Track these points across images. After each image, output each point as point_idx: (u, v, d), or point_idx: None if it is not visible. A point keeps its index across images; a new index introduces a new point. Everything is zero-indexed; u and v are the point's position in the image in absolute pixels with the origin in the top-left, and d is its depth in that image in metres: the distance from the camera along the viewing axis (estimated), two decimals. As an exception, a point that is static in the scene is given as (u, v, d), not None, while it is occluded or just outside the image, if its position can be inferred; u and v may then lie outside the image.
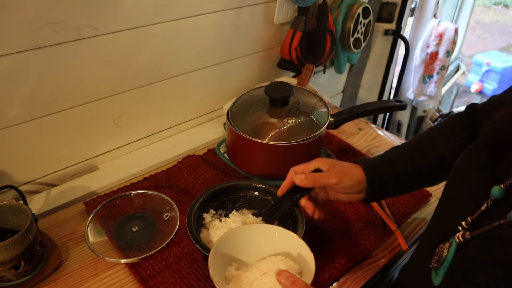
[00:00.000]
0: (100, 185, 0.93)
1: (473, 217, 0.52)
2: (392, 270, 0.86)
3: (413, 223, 0.88)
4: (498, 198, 0.50)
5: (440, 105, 2.50)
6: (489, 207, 0.51)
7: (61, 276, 0.73)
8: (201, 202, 0.78)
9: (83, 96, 0.89)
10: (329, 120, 0.93)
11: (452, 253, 0.52)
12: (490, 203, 0.51)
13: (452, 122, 0.75)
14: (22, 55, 0.76)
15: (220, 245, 0.64)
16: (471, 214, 0.52)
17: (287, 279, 0.52)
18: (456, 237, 0.52)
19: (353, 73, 1.75)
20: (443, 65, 1.94)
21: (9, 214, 0.73)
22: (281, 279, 0.53)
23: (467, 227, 0.52)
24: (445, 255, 0.52)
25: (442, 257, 0.53)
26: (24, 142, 0.85)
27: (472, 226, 0.52)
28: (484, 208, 0.51)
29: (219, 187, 0.81)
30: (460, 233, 0.52)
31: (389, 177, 0.72)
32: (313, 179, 0.70)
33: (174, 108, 1.09)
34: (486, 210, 0.51)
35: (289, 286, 0.52)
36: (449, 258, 0.52)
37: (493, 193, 0.50)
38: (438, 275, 0.53)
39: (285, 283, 0.52)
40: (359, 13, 1.36)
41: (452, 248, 0.52)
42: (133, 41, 0.90)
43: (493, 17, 5.98)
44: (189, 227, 0.72)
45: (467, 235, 0.50)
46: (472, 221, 0.52)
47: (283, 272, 0.54)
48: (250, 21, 1.12)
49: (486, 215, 0.51)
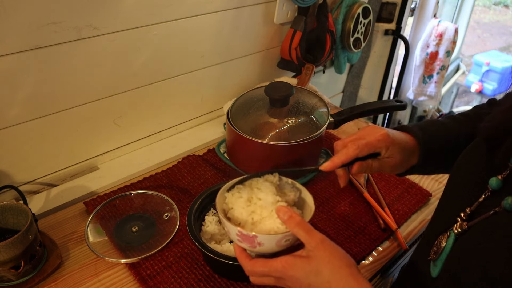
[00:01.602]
0: (100, 185, 0.93)
1: (471, 208, 0.53)
2: (392, 270, 0.86)
3: (413, 223, 0.88)
4: (495, 189, 0.51)
5: (440, 105, 2.49)
6: (487, 197, 0.52)
7: (61, 276, 0.73)
8: (201, 201, 0.78)
9: (83, 96, 0.89)
10: (329, 120, 0.93)
11: (450, 244, 0.52)
12: (488, 194, 0.52)
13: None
14: (22, 55, 0.76)
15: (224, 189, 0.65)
16: (469, 206, 0.53)
17: (285, 214, 0.56)
18: (454, 228, 0.53)
19: (353, 73, 1.75)
20: (443, 65, 1.94)
21: (9, 214, 0.73)
22: (280, 213, 0.56)
23: (465, 218, 0.53)
24: (443, 246, 0.53)
25: (441, 248, 0.53)
26: (24, 142, 0.85)
27: (470, 217, 0.52)
28: (482, 199, 0.52)
29: (219, 186, 0.81)
30: (458, 224, 0.52)
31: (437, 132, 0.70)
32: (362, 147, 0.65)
33: (174, 108, 1.09)
34: (483, 201, 0.52)
35: (286, 220, 0.55)
36: (447, 248, 0.52)
37: (491, 184, 0.51)
38: (436, 266, 0.53)
39: (282, 216, 0.56)
40: (359, 13, 1.36)
41: (451, 239, 0.53)
42: (133, 41, 0.90)
43: (493, 17, 5.98)
44: (189, 227, 0.72)
45: (465, 225, 0.51)
46: (470, 212, 0.53)
47: (282, 208, 0.57)
48: (250, 21, 1.12)
49: (484, 205, 0.52)
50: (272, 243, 0.56)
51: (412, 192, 0.95)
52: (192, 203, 0.77)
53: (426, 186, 0.97)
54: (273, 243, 0.56)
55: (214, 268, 0.75)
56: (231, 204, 0.62)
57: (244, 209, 0.61)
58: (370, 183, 0.96)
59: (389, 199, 0.92)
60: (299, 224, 0.54)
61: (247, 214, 0.60)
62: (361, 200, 0.92)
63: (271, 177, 0.65)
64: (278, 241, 0.56)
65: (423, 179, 1.00)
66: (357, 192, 0.94)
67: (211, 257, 0.68)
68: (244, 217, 0.60)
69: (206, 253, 0.68)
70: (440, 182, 0.99)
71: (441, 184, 0.99)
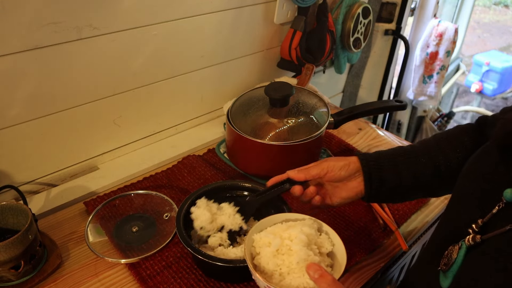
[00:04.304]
0: (100, 185, 0.93)
1: (484, 220, 0.51)
2: (392, 270, 0.86)
3: (413, 223, 0.88)
4: (510, 201, 0.49)
5: (440, 105, 2.50)
6: (501, 210, 0.50)
7: (61, 276, 0.73)
8: (188, 205, 0.77)
9: (83, 96, 0.89)
10: (329, 120, 0.93)
11: (462, 256, 0.51)
12: (502, 206, 0.50)
13: (460, 131, 0.72)
14: (22, 55, 0.76)
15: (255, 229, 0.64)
16: (481, 217, 0.51)
17: (315, 272, 0.53)
18: (466, 240, 0.51)
19: (353, 73, 1.75)
20: (443, 65, 1.94)
21: (9, 214, 0.73)
22: (310, 271, 0.54)
23: (477, 230, 0.51)
24: (455, 258, 0.51)
25: (452, 260, 0.52)
26: (24, 142, 0.85)
27: (482, 229, 0.51)
28: (495, 211, 0.50)
29: (204, 189, 0.80)
30: (471, 236, 0.51)
31: (388, 166, 0.69)
32: (306, 171, 0.69)
33: (174, 108, 1.09)
34: (497, 213, 0.50)
35: (317, 278, 0.53)
36: (459, 261, 0.51)
37: (505, 196, 0.49)
38: (447, 278, 0.52)
39: (313, 275, 0.53)
40: (359, 13, 1.36)
41: (462, 251, 0.51)
42: (133, 41, 0.90)
43: (493, 17, 5.98)
44: (178, 230, 0.71)
45: (478, 238, 0.50)
46: (483, 224, 0.51)
47: (313, 265, 0.54)
48: (250, 21, 1.12)
49: (498, 218, 0.50)
50: None
51: (412, 192, 0.94)
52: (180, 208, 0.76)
53: (426, 186, 0.97)
54: None
55: (205, 272, 0.74)
56: (259, 249, 0.61)
57: (271, 260, 0.59)
58: (370, 183, 0.96)
59: (389, 199, 0.92)
60: (330, 285, 0.52)
61: (274, 266, 0.58)
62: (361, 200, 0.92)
63: (309, 222, 0.63)
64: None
65: (423, 179, 1.00)
66: (357, 192, 0.94)
67: (202, 260, 0.67)
68: (271, 268, 0.58)
69: (199, 257, 0.67)
70: (440, 182, 0.99)
71: (441, 184, 0.99)
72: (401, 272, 0.98)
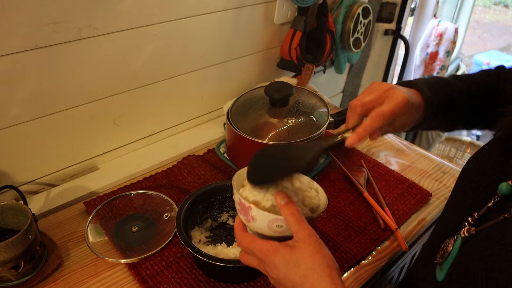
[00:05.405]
0: (100, 185, 0.93)
1: (480, 213, 0.52)
2: (392, 270, 0.86)
3: (413, 223, 0.88)
4: (505, 195, 0.50)
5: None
6: (496, 203, 0.51)
7: (61, 276, 0.73)
8: (188, 205, 0.77)
9: (83, 96, 0.89)
10: (329, 120, 0.93)
11: (457, 248, 0.52)
12: (497, 199, 0.51)
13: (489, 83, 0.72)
14: (22, 55, 0.76)
15: None
16: (477, 210, 0.52)
17: (282, 199, 0.55)
18: (461, 233, 0.52)
19: (353, 73, 1.75)
20: (443, 65, 1.94)
21: (9, 214, 0.73)
22: (278, 197, 0.55)
23: (473, 222, 0.52)
24: (450, 250, 0.52)
25: (447, 252, 0.53)
26: (24, 142, 0.85)
27: (478, 222, 0.52)
28: (490, 204, 0.51)
29: (204, 189, 0.80)
30: (466, 229, 0.52)
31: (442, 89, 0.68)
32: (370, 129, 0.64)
33: (174, 108, 1.09)
34: (492, 206, 0.51)
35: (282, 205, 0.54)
36: (454, 253, 0.52)
37: (501, 190, 0.50)
38: (442, 270, 0.53)
39: (279, 201, 0.55)
40: (359, 13, 1.36)
41: (457, 243, 0.52)
42: (133, 41, 0.90)
43: (493, 17, 5.98)
44: (179, 231, 0.72)
45: (472, 230, 0.50)
46: (479, 217, 0.52)
47: (281, 193, 0.56)
48: (250, 21, 1.12)
49: (492, 211, 0.51)
50: (264, 222, 0.55)
51: (412, 192, 0.95)
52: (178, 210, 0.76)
53: (426, 186, 0.97)
54: (264, 223, 0.55)
55: (205, 272, 0.74)
56: (246, 182, 0.62)
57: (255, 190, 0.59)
58: (370, 183, 0.97)
59: (389, 199, 0.92)
60: (293, 213, 0.53)
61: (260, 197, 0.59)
62: (361, 200, 0.92)
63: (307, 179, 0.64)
64: (270, 222, 0.55)
65: (423, 179, 1.00)
66: (357, 192, 0.94)
67: (202, 260, 0.67)
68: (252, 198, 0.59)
69: (199, 256, 0.67)
70: (440, 182, 0.99)
71: (441, 184, 0.99)
72: (401, 272, 0.98)
